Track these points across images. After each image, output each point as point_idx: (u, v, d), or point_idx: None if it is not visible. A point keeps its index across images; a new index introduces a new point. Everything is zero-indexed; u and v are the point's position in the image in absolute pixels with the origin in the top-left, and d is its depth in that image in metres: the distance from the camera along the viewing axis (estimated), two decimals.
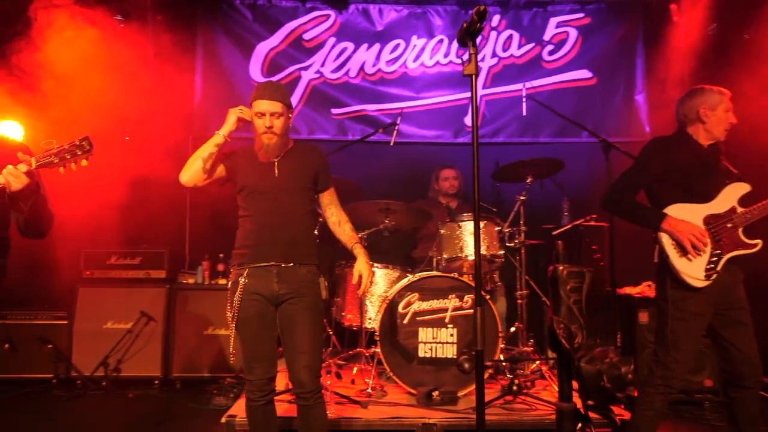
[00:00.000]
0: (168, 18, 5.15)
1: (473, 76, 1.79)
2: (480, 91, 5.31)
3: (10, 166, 2.00)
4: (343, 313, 4.13)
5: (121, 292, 4.70)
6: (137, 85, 4.88)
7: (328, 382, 3.11)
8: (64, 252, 4.73)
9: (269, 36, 5.29)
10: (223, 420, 2.99)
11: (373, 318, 3.95)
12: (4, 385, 4.52)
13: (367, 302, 3.93)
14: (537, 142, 5.32)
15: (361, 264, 2.67)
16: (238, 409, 3.12)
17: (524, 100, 4.09)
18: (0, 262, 2.27)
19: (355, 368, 3.82)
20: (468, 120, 5.30)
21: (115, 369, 4.53)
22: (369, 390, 3.40)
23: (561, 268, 1.10)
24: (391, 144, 3.90)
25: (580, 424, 0.84)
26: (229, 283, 2.61)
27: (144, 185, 4.78)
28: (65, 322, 4.69)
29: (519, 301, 3.93)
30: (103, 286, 4.73)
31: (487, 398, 3.33)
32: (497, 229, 3.71)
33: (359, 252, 2.69)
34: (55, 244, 4.63)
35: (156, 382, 4.57)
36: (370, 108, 5.30)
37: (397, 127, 3.83)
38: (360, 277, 2.65)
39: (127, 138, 5.24)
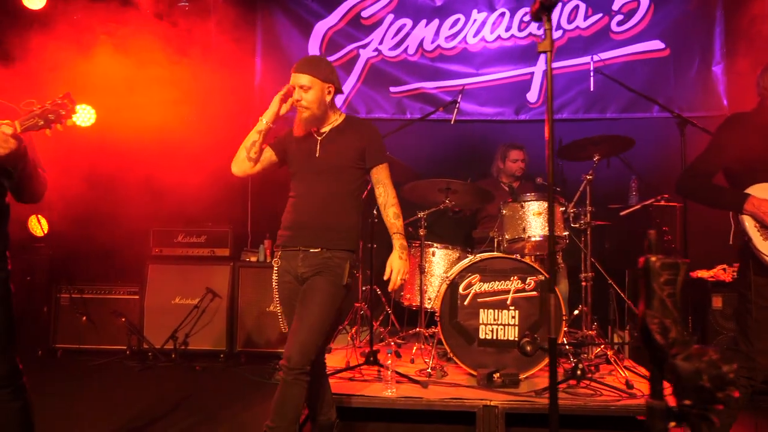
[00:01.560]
0: (227, 2, 5.22)
1: (548, 53, 1.69)
2: (542, 66, 5.12)
3: None
4: (402, 293, 4.13)
5: (188, 269, 4.88)
6: (200, 67, 4.99)
7: (389, 362, 3.12)
8: (135, 230, 4.95)
9: (327, 15, 5.27)
10: None
11: (432, 298, 3.93)
12: (83, 354, 4.81)
13: (427, 282, 3.91)
14: (603, 118, 5.09)
15: (393, 258, 2.56)
16: None
17: (592, 74, 3.90)
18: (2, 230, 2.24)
19: (414, 348, 3.82)
20: (530, 96, 5.13)
21: (183, 342, 4.73)
22: (429, 370, 3.40)
23: (654, 259, 1.03)
24: (452, 122, 3.82)
25: (673, 423, 0.79)
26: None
27: (207, 166, 4.91)
28: (137, 297, 4.92)
29: (583, 284, 3.80)
30: (171, 263, 4.93)
31: (547, 382, 3.26)
32: (562, 209, 3.59)
33: (396, 243, 2.57)
34: (128, 222, 4.85)
35: (221, 356, 4.74)
36: (428, 86, 5.21)
37: (458, 105, 3.73)
38: (391, 272, 2.53)
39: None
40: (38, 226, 5.11)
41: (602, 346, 3.66)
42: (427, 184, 3.73)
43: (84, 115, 5.11)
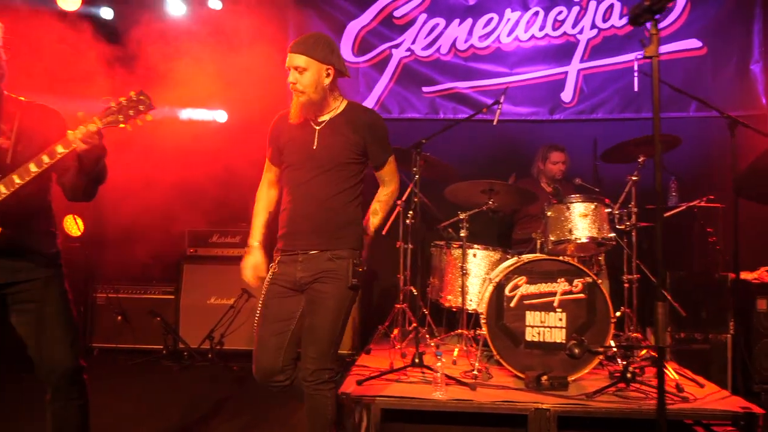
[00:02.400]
0: (260, 1, 5.22)
1: (654, 59, 1.66)
2: (577, 65, 5.09)
3: (82, 127, 1.96)
4: (442, 294, 4.13)
5: (223, 269, 4.90)
6: (233, 68, 5.00)
7: (438, 364, 3.11)
8: (170, 230, 4.97)
9: (360, 14, 5.26)
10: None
11: (474, 300, 3.92)
12: (118, 354, 4.84)
13: (468, 283, 3.90)
14: (639, 118, 5.04)
15: None
16: (351, 386, 3.19)
17: (636, 73, 3.87)
18: (50, 231, 2.25)
19: (456, 349, 3.81)
20: (565, 96, 5.10)
21: (218, 342, 4.75)
22: (475, 372, 3.38)
23: None
24: (495, 123, 3.80)
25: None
26: None
27: (242, 166, 4.92)
28: (172, 296, 4.95)
29: (626, 285, 3.78)
30: (206, 263, 4.95)
31: (596, 385, 3.25)
32: (607, 211, 3.56)
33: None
34: (163, 222, 4.88)
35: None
36: (461, 85, 5.19)
37: (500, 106, 3.71)
38: None
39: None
40: (74, 225, 5.14)
41: (647, 349, 3.64)
42: (469, 185, 3.72)
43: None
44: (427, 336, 4.08)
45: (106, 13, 5.17)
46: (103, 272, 5.11)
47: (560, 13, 5.09)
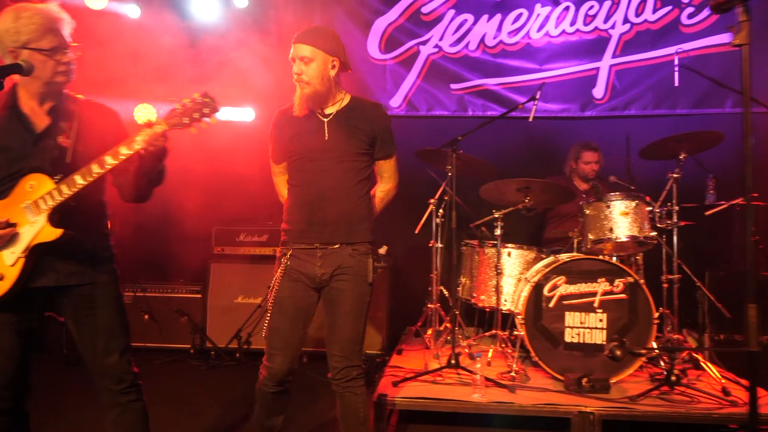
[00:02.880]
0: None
1: (744, 47, 1.58)
2: (609, 60, 4.99)
3: (147, 129, 1.93)
4: (475, 294, 4.06)
5: (250, 268, 4.87)
6: (259, 66, 4.97)
7: (478, 365, 3.05)
8: (197, 229, 4.96)
9: (387, 11, 5.20)
10: (375, 398, 3.00)
11: (508, 300, 3.84)
12: (146, 353, 4.82)
13: (502, 283, 3.82)
14: (673, 114, 4.94)
15: None
16: (387, 387, 3.13)
17: (677, 68, 3.77)
18: (105, 233, 2.21)
19: (491, 350, 3.74)
20: (596, 92, 5.00)
21: (246, 342, 4.72)
22: (512, 374, 3.32)
23: None
24: (530, 119, 3.71)
25: None
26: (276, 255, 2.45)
27: (269, 164, 4.89)
28: (199, 295, 4.93)
29: (665, 285, 3.69)
30: (233, 262, 4.92)
31: (637, 387, 3.17)
32: (648, 209, 3.47)
33: None
34: (190, 221, 4.86)
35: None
36: (490, 82, 5.11)
37: (536, 102, 3.63)
38: None
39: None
40: None
41: (688, 351, 3.54)
42: (505, 183, 3.65)
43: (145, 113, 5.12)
44: (460, 337, 4.01)
45: (133, 11, 5.16)
46: (129, 271, 5.10)
47: (591, 7, 4.99)
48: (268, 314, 2.38)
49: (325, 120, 2.36)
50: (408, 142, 4.98)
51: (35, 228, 1.95)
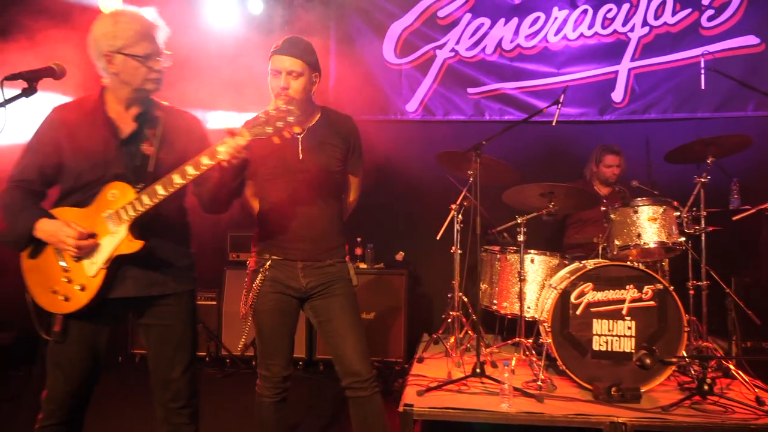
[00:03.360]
0: (301, 2, 5.15)
1: None
2: (628, 64, 4.93)
3: (230, 139, 1.87)
4: (496, 301, 3.99)
5: None
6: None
7: (506, 375, 2.98)
8: (212, 236, 4.92)
9: (402, 15, 5.16)
10: (401, 409, 2.94)
11: (532, 307, 3.78)
12: None
13: (525, 290, 3.76)
14: (693, 117, 4.87)
15: None
16: (412, 396, 3.07)
17: (703, 71, 3.71)
18: (185, 243, 2.17)
19: (514, 358, 3.67)
20: (616, 96, 4.94)
21: None
22: (539, 383, 3.25)
23: None
24: (554, 123, 3.65)
25: None
26: (248, 266, 2.44)
27: None
28: (215, 303, 4.88)
29: (691, 292, 3.62)
30: None
31: (667, 397, 3.10)
32: (676, 214, 3.41)
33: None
34: (204, 228, 4.80)
35: (300, 363, 4.66)
36: (508, 86, 5.06)
37: (559, 106, 3.57)
38: None
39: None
40: None
41: (717, 359, 3.47)
42: (528, 188, 3.59)
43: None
44: (483, 345, 3.94)
45: (150, 15, 5.12)
46: None
47: (609, 10, 4.94)
48: (247, 324, 2.39)
49: (299, 137, 2.33)
50: (424, 147, 4.95)
51: (116, 239, 1.91)
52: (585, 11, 4.97)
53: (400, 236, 5.11)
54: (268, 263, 2.35)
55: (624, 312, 3.24)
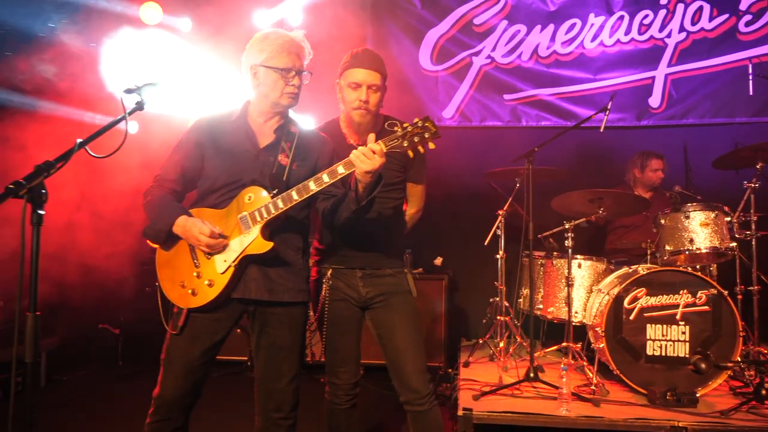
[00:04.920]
0: (338, 11, 5.21)
1: None
2: (665, 69, 4.96)
3: (363, 148, 1.91)
4: (542, 306, 4.01)
5: None
6: (312, 81, 4.98)
7: (564, 380, 3.01)
8: None
9: (438, 22, 5.21)
10: (460, 413, 2.96)
11: (579, 312, 3.80)
12: None
13: (572, 294, 3.78)
14: (731, 123, 4.88)
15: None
16: (468, 400, 3.10)
17: (751, 76, 3.73)
18: (304, 251, 2.21)
19: (562, 363, 3.68)
20: (653, 101, 4.97)
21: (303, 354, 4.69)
22: (593, 387, 3.27)
23: None
24: (601, 130, 3.68)
25: None
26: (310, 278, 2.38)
27: None
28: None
29: (739, 297, 3.63)
30: None
31: (720, 401, 3.12)
32: (727, 219, 3.42)
33: None
34: None
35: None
36: (544, 92, 5.10)
37: (608, 112, 3.60)
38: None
39: None
40: None
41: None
42: (577, 194, 3.62)
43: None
44: (528, 349, 3.96)
45: (185, 24, 5.22)
46: None
47: (646, 16, 4.97)
48: (312, 335, 2.41)
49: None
50: (461, 153, 4.99)
51: (248, 239, 2.00)
52: (621, 17, 5.00)
53: (437, 242, 5.14)
54: (329, 272, 2.37)
55: (678, 317, 3.25)
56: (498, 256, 4.09)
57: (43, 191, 1.29)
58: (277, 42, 2.06)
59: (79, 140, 1.45)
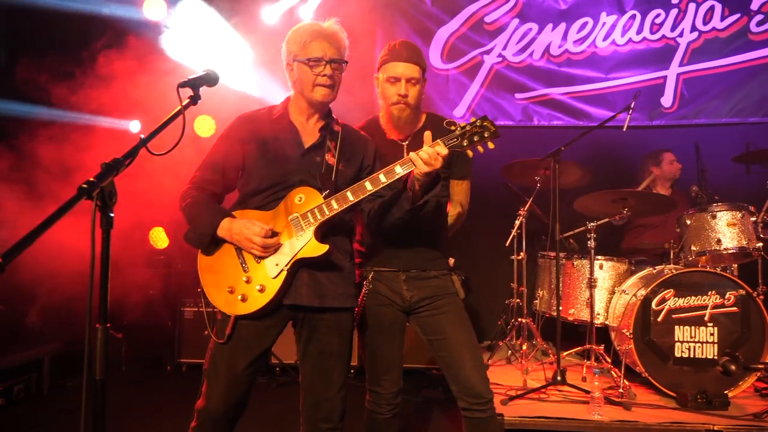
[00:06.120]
0: (348, 9, 5.13)
1: None
2: (676, 69, 4.94)
3: (428, 147, 1.83)
4: (561, 307, 3.96)
5: None
6: None
7: (596, 383, 2.95)
8: None
9: (449, 20, 5.14)
10: None
11: (602, 313, 3.75)
12: None
13: (594, 296, 3.73)
14: (743, 122, 4.88)
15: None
16: (497, 406, 3.03)
17: None
18: (352, 253, 2.13)
19: (585, 366, 3.64)
20: (665, 101, 4.94)
21: None
22: (621, 390, 3.22)
23: None
24: (624, 129, 3.64)
25: None
26: None
27: None
28: None
29: (760, 297, 3.60)
30: None
31: (748, 403, 3.09)
32: (752, 219, 3.40)
33: None
34: None
35: (351, 371, 4.60)
36: (556, 91, 5.05)
37: (630, 111, 3.56)
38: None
39: None
40: (160, 238, 5.05)
41: None
42: (601, 195, 3.57)
43: (204, 125, 5.05)
44: (550, 351, 3.92)
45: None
46: (190, 285, 4.99)
47: (658, 16, 4.95)
48: (363, 338, 2.27)
49: (404, 143, 2.28)
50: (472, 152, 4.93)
51: (301, 242, 1.90)
52: (633, 16, 4.98)
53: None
54: (370, 275, 2.27)
55: (706, 318, 3.22)
56: (518, 257, 4.03)
57: (113, 191, 1.18)
58: (307, 32, 1.97)
59: (142, 136, 1.35)
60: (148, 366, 4.85)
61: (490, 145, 1.86)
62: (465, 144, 1.85)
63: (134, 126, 4.83)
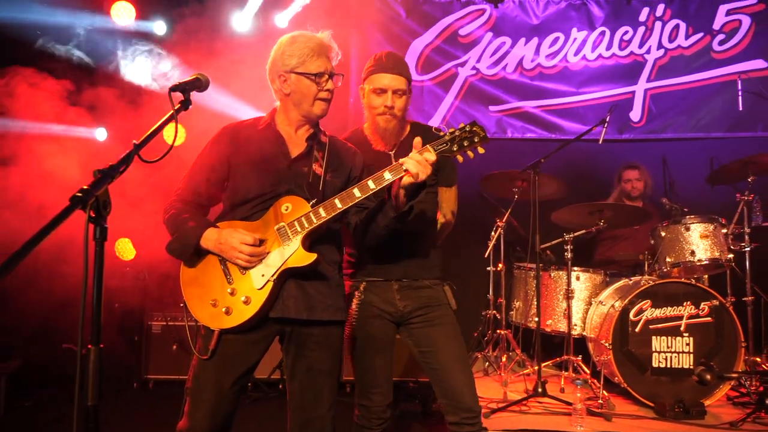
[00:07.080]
0: (322, 20, 5.10)
1: None
2: (644, 84, 5.08)
3: (416, 154, 1.80)
4: (539, 319, 3.98)
5: None
6: None
7: (578, 395, 2.96)
8: None
9: (423, 32, 5.17)
10: None
11: (579, 324, 3.79)
12: (177, 386, 4.49)
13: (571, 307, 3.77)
14: (708, 137, 5.04)
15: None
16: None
17: (740, 92, 3.84)
18: (340, 264, 2.08)
19: (563, 377, 3.66)
20: (633, 115, 5.07)
21: None
22: (600, 401, 3.24)
23: None
24: (600, 142, 3.70)
25: None
26: None
27: None
28: None
29: (730, 308, 3.70)
30: None
31: (723, 412, 3.15)
32: (724, 231, 3.49)
33: None
34: None
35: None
36: (529, 104, 5.13)
37: (606, 125, 3.63)
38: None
39: None
40: (126, 249, 4.87)
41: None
42: (578, 207, 3.62)
43: (173, 132, 4.90)
44: (528, 363, 3.93)
45: (159, 28, 4.98)
46: (157, 299, 4.82)
47: (626, 33, 5.09)
48: (352, 351, 2.23)
49: (392, 152, 2.26)
50: None
51: (288, 251, 1.83)
52: (603, 33, 5.10)
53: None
54: (362, 285, 2.23)
55: (682, 328, 3.28)
56: (496, 269, 4.04)
57: (108, 200, 1.10)
58: (308, 45, 1.93)
59: (134, 141, 1.27)
60: (113, 382, 4.64)
61: (480, 150, 1.84)
62: (455, 149, 1.82)
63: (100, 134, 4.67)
